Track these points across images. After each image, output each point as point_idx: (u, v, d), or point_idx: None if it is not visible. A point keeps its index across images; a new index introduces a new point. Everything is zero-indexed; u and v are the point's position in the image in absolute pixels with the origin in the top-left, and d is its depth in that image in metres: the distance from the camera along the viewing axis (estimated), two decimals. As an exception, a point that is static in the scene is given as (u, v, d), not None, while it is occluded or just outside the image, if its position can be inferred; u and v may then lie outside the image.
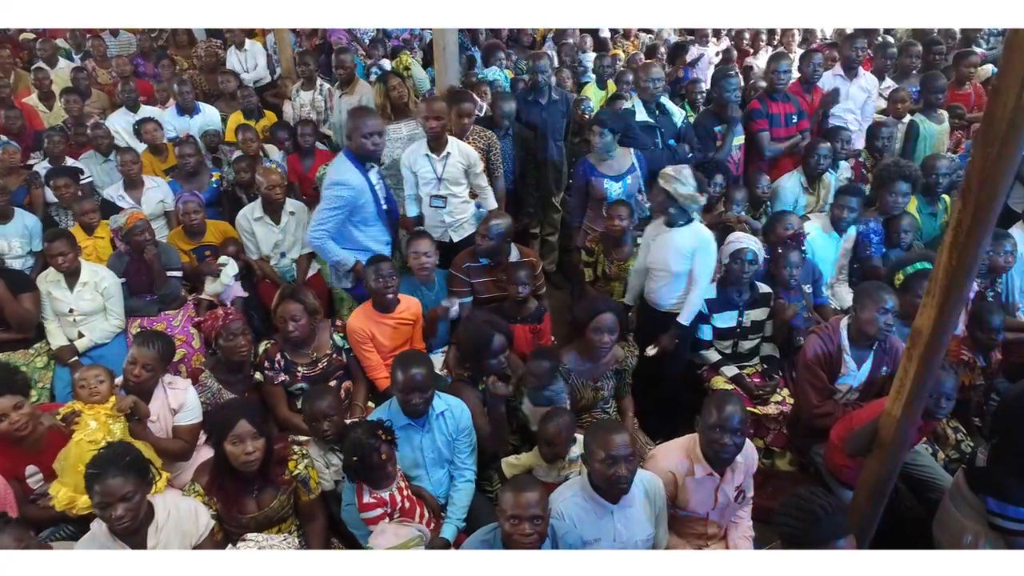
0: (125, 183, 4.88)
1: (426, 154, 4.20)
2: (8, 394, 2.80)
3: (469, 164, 4.24)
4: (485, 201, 4.40)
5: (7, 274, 3.89)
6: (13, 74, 6.69)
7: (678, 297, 3.65)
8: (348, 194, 3.67)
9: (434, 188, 4.25)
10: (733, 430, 2.61)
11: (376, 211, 3.85)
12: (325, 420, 2.99)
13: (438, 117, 4.09)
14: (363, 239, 3.87)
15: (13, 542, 2.23)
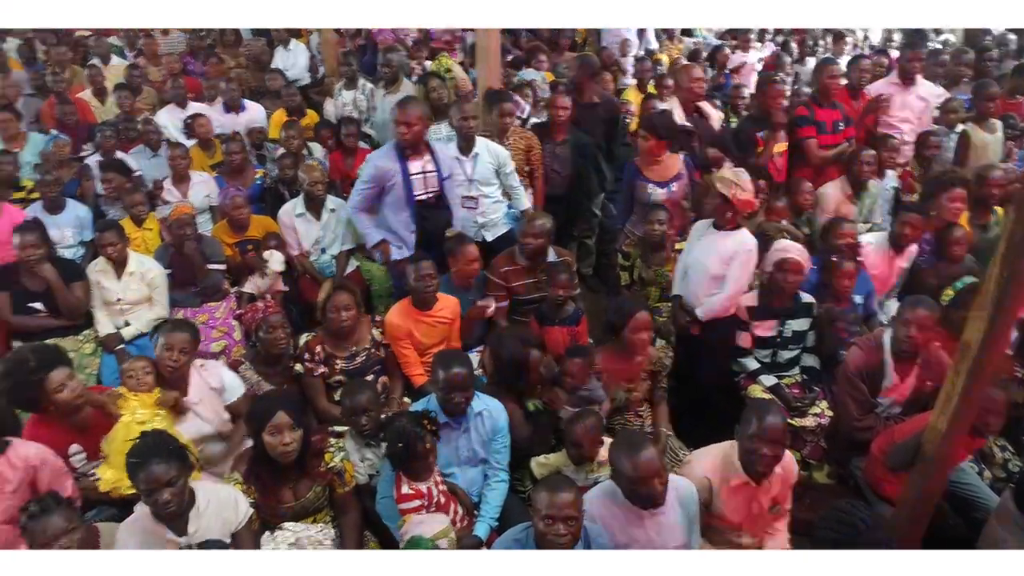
0: (173, 177, 5.00)
1: (455, 156, 4.22)
2: (60, 367, 2.89)
3: (499, 164, 4.26)
4: (517, 201, 4.40)
5: (59, 263, 3.99)
6: (68, 70, 6.89)
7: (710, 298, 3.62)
8: (374, 172, 3.96)
9: (465, 189, 4.26)
10: (773, 441, 2.57)
11: (407, 199, 3.91)
12: (363, 414, 3.03)
13: (473, 117, 4.12)
14: (393, 222, 4.05)
15: (63, 523, 2.30)
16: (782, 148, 4.92)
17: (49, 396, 2.86)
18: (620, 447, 2.52)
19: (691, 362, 3.77)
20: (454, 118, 4.20)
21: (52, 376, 2.85)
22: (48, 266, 3.82)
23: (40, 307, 3.90)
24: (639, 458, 2.42)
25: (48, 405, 2.89)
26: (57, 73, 6.38)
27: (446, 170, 4.07)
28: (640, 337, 3.27)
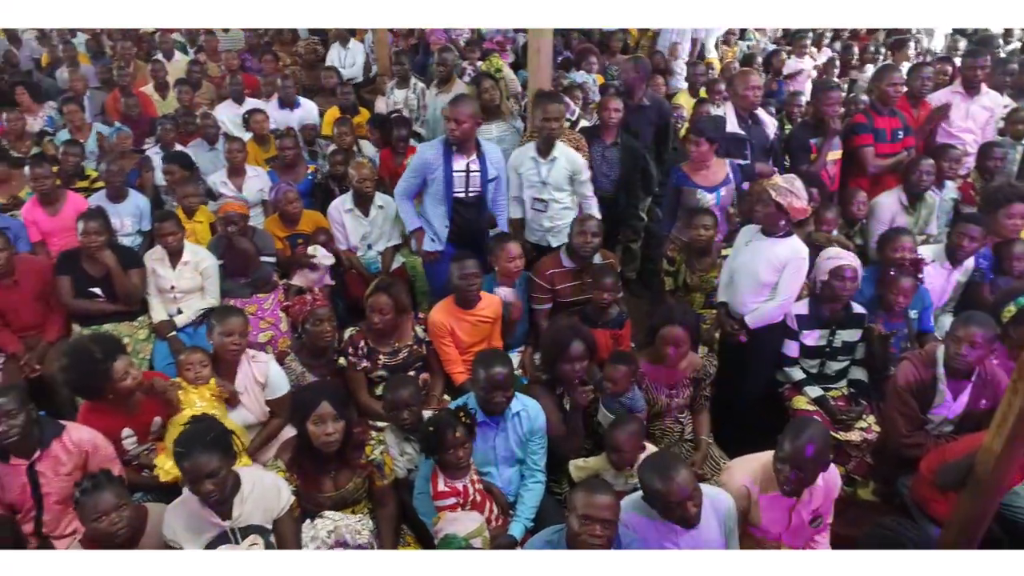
0: (228, 170, 5.13)
1: (532, 156, 4.22)
2: (121, 355, 3.00)
3: (574, 171, 4.23)
4: (588, 208, 4.35)
5: (119, 250, 4.11)
6: (133, 65, 7.14)
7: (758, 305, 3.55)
8: (419, 162, 4.06)
9: (537, 191, 4.27)
10: (802, 465, 2.51)
11: (444, 194, 3.96)
12: (405, 409, 3.06)
13: (556, 119, 4.13)
14: (430, 214, 4.11)
15: (114, 499, 2.38)
16: (836, 156, 4.81)
17: (114, 384, 2.97)
18: (653, 469, 2.48)
19: (735, 370, 3.71)
20: (536, 119, 4.19)
21: (116, 365, 2.95)
22: (108, 252, 3.94)
23: (99, 292, 4.03)
24: (672, 483, 2.39)
25: (108, 392, 3.00)
26: (122, 68, 6.62)
27: (492, 171, 4.08)
28: (667, 351, 3.23)
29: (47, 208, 4.57)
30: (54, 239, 4.54)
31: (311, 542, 2.26)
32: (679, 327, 3.21)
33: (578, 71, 6.56)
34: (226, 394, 3.23)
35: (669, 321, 3.24)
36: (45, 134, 5.94)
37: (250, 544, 2.58)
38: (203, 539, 2.52)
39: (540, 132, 4.21)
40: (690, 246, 4.09)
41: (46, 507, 2.79)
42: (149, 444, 3.17)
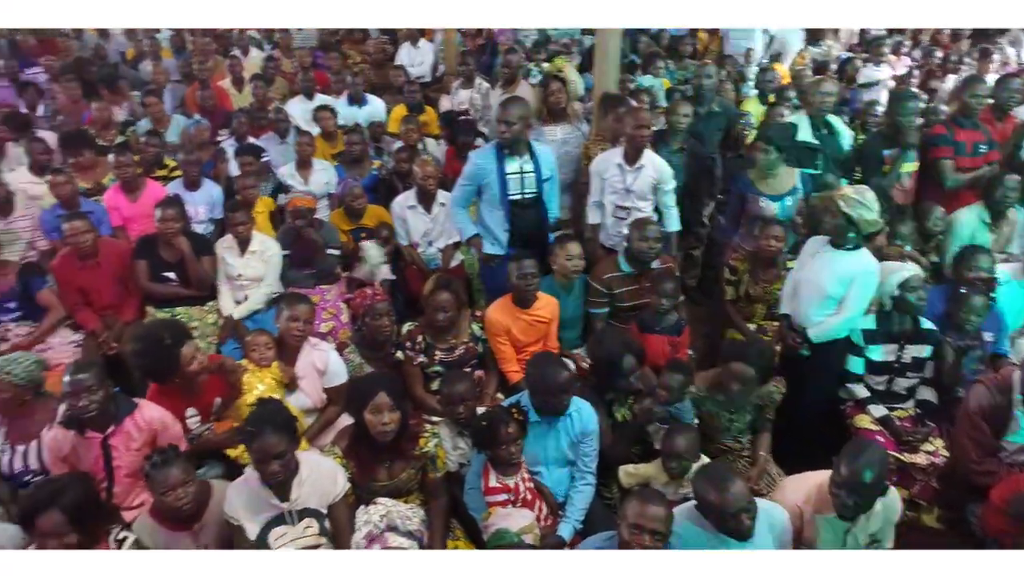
0: (297, 163, 5.28)
1: (619, 163, 4.20)
2: (188, 340, 3.13)
3: (660, 180, 4.20)
4: (668, 222, 4.31)
5: (192, 237, 4.28)
6: (212, 59, 7.42)
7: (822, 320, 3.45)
8: (472, 169, 4.02)
9: (620, 198, 4.24)
10: (859, 490, 2.43)
11: (501, 197, 3.95)
12: (461, 404, 3.09)
13: (648, 126, 4.11)
14: (488, 220, 4.08)
15: (181, 474, 2.49)
16: (912, 168, 4.64)
17: (181, 368, 3.09)
18: (708, 479, 2.45)
19: (795, 385, 3.61)
20: (628, 126, 4.17)
21: (183, 351, 3.08)
22: (183, 239, 4.11)
23: (172, 277, 4.20)
24: (727, 494, 2.35)
25: (175, 376, 3.13)
26: (202, 62, 6.88)
27: (547, 172, 4.06)
28: (731, 387, 3.15)
29: (128, 195, 4.79)
30: (134, 224, 4.76)
31: (364, 526, 2.32)
32: (749, 367, 3.11)
33: (645, 75, 6.50)
34: (286, 378, 3.32)
35: (741, 358, 3.13)
36: (129, 124, 6.22)
37: (305, 527, 2.65)
38: (261, 519, 2.60)
39: (631, 140, 4.16)
40: (755, 256, 4.01)
41: (116, 479, 2.93)
42: (211, 423, 3.29)
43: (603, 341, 3.34)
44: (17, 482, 3.09)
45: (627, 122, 4.21)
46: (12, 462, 3.08)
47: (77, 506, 2.33)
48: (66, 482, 2.41)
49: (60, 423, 2.92)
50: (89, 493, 2.40)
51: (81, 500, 2.35)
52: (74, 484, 2.39)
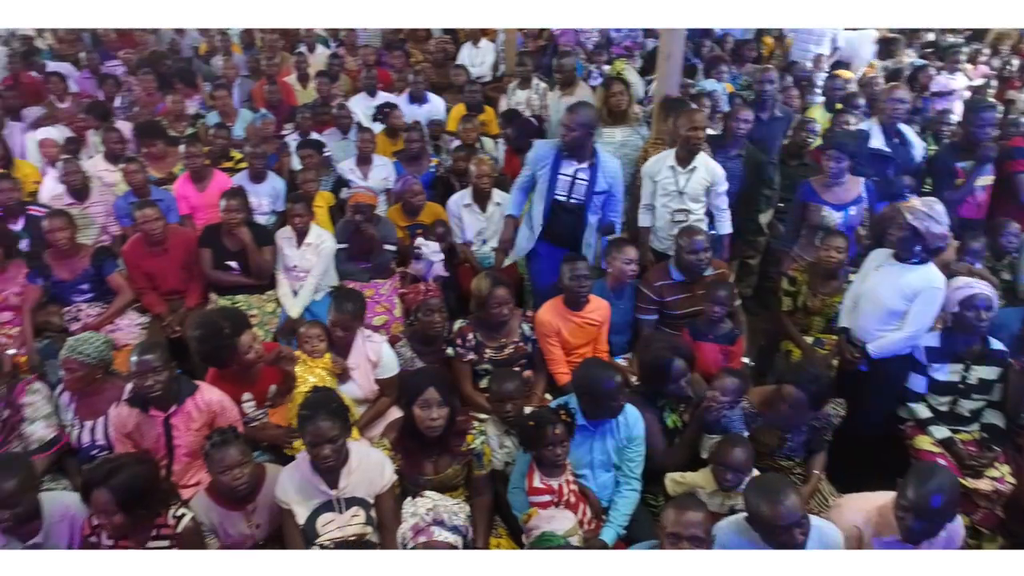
0: (357, 159, 5.38)
1: (671, 165, 4.17)
2: (246, 330, 3.24)
3: (713, 182, 4.15)
4: (720, 224, 4.25)
5: (254, 227, 4.41)
6: (279, 55, 7.63)
7: (883, 335, 3.35)
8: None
9: (673, 201, 4.21)
10: (927, 515, 2.34)
11: (545, 192, 3.94)
12: (509, 402, 3.12)
13: (702, 128, 4.08)
14: (533, 210, 4.08)
15: (238, 455, 2.57)
16: (987, 182, 4.45)
17: (239, 356, 3.20)
18: (760, 491, 2.39)
19: (852, 401, 3.51)
20: (682, 128, 4.14)
21: (242, 340, 3.19)
22: (245, 229, 4.24)
23: (234, 265, 4.35)
24: (779, 506, 2.29)
25: (233, 363, 3.24)
26: (270, 58, 7.08)
27: (603, 184, 4.00)
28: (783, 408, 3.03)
29: (196, 184, 4.97)
30: (200, 213, 4.93)
31: (410, 518, 2.34)
32: (802, 393, 2.95)
33: (707, 79, 6.40)
34: (339, 369, 3.39)
35: (794, 382, 2.98)
36: (199, 116, 6.44)
37: (352, 516, 2.71)
38: (310, 504, 2.67)
39: (684, 142, 4.13)
40: (815, 267, 3.91)
41: (176, 458, 3.05)
42: (265, 409, 3.39)
43: (651, 345, 3.31)
44: (84, 455, 3.24)
45: (680, 123, 4.17)
46: (80, 436, 3.24)
47: (127, 488, 2.40)
48: (123, 463, 2.48)
49: (126, 401, 3.06)
50: (143, 477, 2.46)
51: (133, 483, 2.42)
52: (130, 466, 2.46)
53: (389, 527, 2.70)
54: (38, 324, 4.03)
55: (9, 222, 4.41)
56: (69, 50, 8.06)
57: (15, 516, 2.47)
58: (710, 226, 4.28)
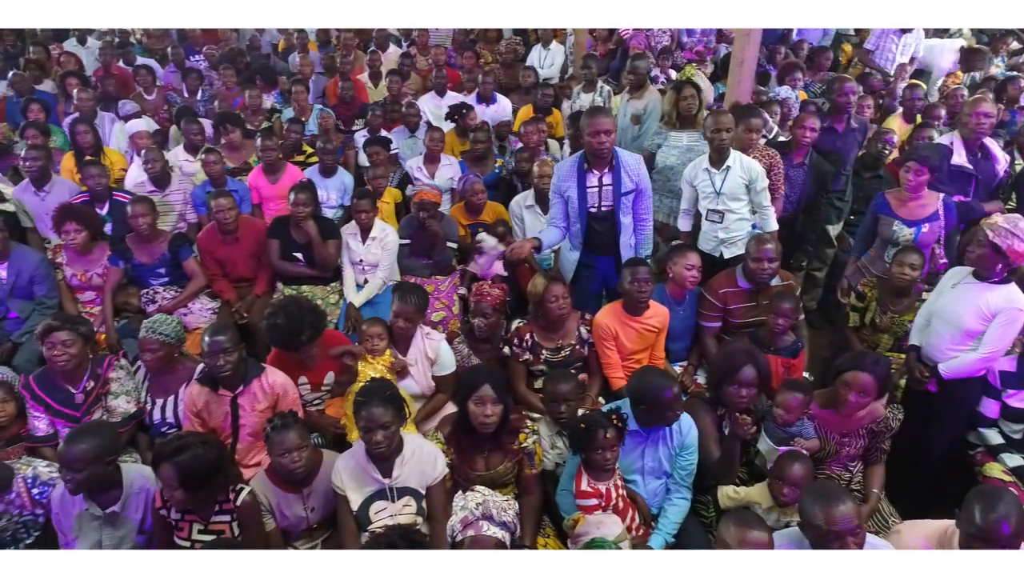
0: (425, 157, 5.47)
1: (706, 168, 4.14)
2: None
3: (751, 179, 4.08)
4: (765, 222, 4.17)
5: (321, 221, 4.53)
6: (353, 54, 7.82)
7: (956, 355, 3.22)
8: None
9: (712, 202, 4.17)
10: (996, 542, 2.23)
11: (579, 210, 3.90)
12: (564, 403, 3.12)
13: (727, 129, 4.03)
14: (572, 228, 4.01)
15: (297, 439, 2.66)
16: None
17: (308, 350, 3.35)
18: (814, 496, 2.34)
19: (919, 422, 3.38)
20: (708, 129, 4.12)
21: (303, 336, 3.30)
22: (311, 222, 4.37)
23: (300, 257, 4.48)
24: (833, 511, 2.24)
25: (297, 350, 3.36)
26: (345, 56, 7.26)
27: (629, 184, 3.91)
28: (848, 398, 2.95)
29: (269, 177, 5.15)
30: (271, 204, 5.11)
31: (460, 511, 2.38)
32: (868, 375, 2.91)
33: (781, 86, 6.25)
34: (399, 367, 3.46)
35: (858, 367, 2.94)
36: (275, 111, 6.66)
37: (404, 505, 2.77)
38: (364, 492, 2.74)
39: (710, 142, 4.11)
40: (886, 283, 3.78)
41: (240, 437, 3.18)
42: (321, 394, 3.51)
43: (726, 350, 3.25)
44: (156, 432, 3.41)
45: (707, 124, 4.12)
46: (152, 414, 3.41)
47: (190, 466, 2.51)
48: (190, 442, 2.58)
49: (197, 380, 3.21)
50: (207, 459, 2.56)
51: (196, 463, 2.52)
52: (195, 447, 2.56)
53: (439, 519, 2.74)
54: (117, 304, 4.25)
55: (96, 206, 4.66)
56: (157, 45, 8.46)
57: (95, 477, 2.60)
58: (754, 225, 4.20)
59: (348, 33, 8.35)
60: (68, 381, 3.28)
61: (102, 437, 2.63)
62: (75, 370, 3.27)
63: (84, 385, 3.29)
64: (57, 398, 3.26)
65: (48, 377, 3.28)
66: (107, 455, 2.62)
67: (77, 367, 3.27)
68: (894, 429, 3.14)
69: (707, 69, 7.17)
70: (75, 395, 3.27)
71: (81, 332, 3.27)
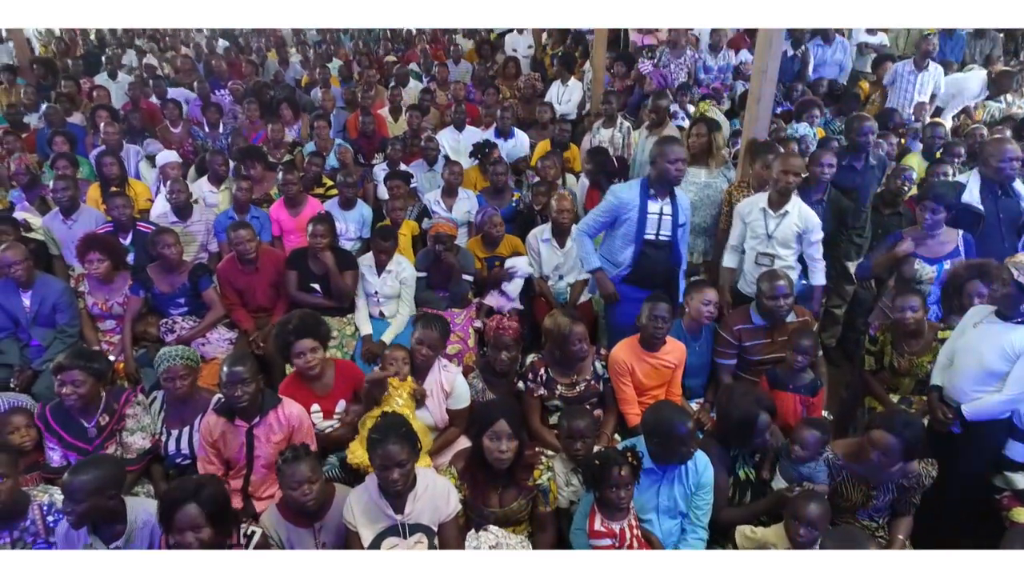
0: (443, 191, 5.53)
1: (763, 208, 4.13)
2: (309, 338, 3.36)
3: (806, 229, 4.06)
4: (813, 275, 4.12)
5: (338, 252, 4.57)
6: (375, 89, 7.96)
7: (979, 396, 3.15)
8: (613, 202, 4.02)
9: (762, 244, 4.16)
10: None
11: (635, 235, 3.93)
12: (580, 440, 3.09)
13: (796, 173, 4.03)
14: (616, 253, 4.08)
15: (309, 472, 2.65)
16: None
17: (291, 357, 3.37)
18: (836, 539, 2.33)
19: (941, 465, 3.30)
20: (774, 171, 4.10)
21: (300, 343, 3.35)
22: (329, 254, 4.41)
23: (317, 288, 4.51)
24: None
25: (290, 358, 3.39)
26: (366, 91, 7.40)
27: (683, 217, 4.01)
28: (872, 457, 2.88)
29: (290, 210, 5.22)
30: (291, 236, 5.18)
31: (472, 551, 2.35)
32: (895, 438, 2.82)
33: (799, 123, 6.27)
34: (420, 393, 3.46)
35: (887, 427, 2.86)
36: (297, 145, 6.78)
37: (415, 542, 2.73)
38: (376, 528, 2.71)
39: (775, 184, 4.08)
40: (897, 326, 3.70)
41: (255, 468, 3.17)
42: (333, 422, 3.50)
43: (734, 397, 3.18)
44: (171, 463, 3.41)
45: (775, 166, 4.09)
46: (167, 445, 3.41)
47: (214, 502, 2.49)
48: (204, 480, 2.60)
49: (214, 410, 3.22)
50: (222, 494, 2.58)
51: (217, 497, 2.52)
52: (211, 483, 2.57)
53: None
54: (136, 333, 4.30)
55: (120, 235, 4.75)
56: (185, 79, 8.67)
57: (96, 510, 2.57)
58: (802, 275, 4.15)
59: (370, 70, 8.53)
60: (81, 415, 3.29)
61: (105, 470, 2.62)
62: (88, 405, 3.29)
63: (97, 419, 3.30)
64: (70, 431, 3.28)
65: (63, 409, 3.30)
66: (109, 488, 2.59)
67: (90, 403, 3.29)
68: (926, 487, 3.04)
69: (724, 105, 7.22)
70: (88, 429, 3.29)
71: (93, 369, 3.27)
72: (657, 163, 3.86)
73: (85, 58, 10.37)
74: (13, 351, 4.09)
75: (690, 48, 7.83)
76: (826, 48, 8.03)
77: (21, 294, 4.11)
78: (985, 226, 4.14)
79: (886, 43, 8.64)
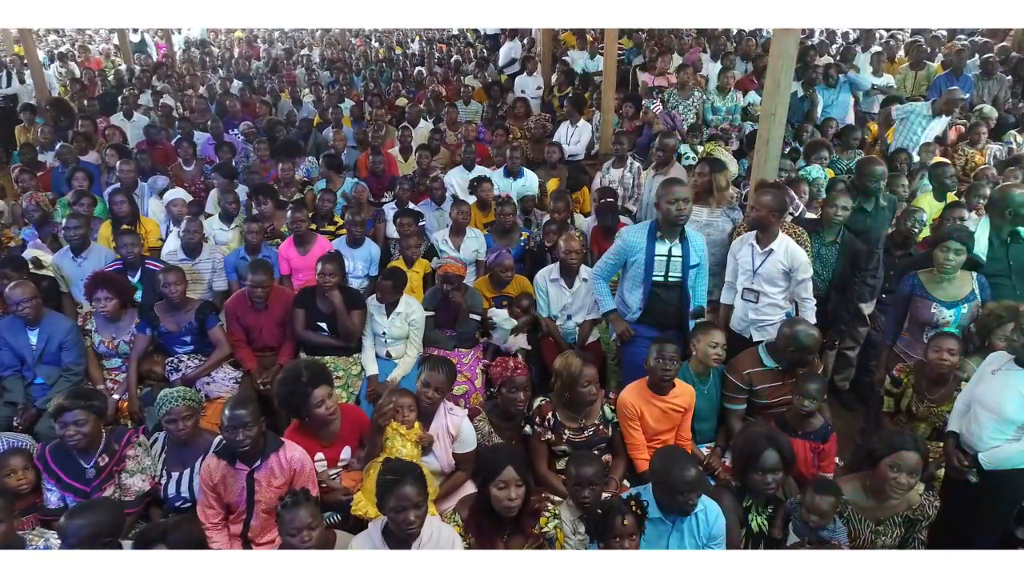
0: (451, 230, 5.53)
1: (751, 244, 4.12)
2: (323, 385, 3.32)
3: (792, 267, 4.02)
4: (803, 313, 4.08)
5: (346, 291, 4.56)
6: (385, 128, 8.04)
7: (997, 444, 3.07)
8: (621, 245, 4.05)
9: (748, 280, 4.14)
10: None
11: (643, 276, 3.92)
12: (588, 487, 3.00)
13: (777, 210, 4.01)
14: (627, 296, 4.07)
15: (308, 518, 2.59)
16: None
17: (310, 408, 3.29)
18: None
19: (961, 516, 3.21)
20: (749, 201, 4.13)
21: (316, 392, 3.28)
22: (336, 293, 4.39)
23: (324, 327, 4.49)
24: None
25: (305, 413, 3.33)
26: (377, 131, 7.48)
27: (695, 258, 3.99)
28: (897, 478, 2.85)
29: (299, 248, 5.23)
30: (300, 275, 5.17)
31: (477, 605, 2.28)
32: (914, 453, 2.84)
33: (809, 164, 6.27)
34: (427, 440, 3.40)
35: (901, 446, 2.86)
36: (306, 184, 6.83)
37: (418, 591, 2.65)
38: (378, 576, 2.63)
39: (752, 221, 4.12)
40: (923, 368, 3.63)
41: (255, 513, 3.11)
42: (337, 470, 3.44)
43: (746, 434, 3.15)
44: (170, 506, 3.36)
45: (749, 197, 4.10)
46: (167, 487, 3.36)
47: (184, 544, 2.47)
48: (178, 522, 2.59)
49: (215, 452, 3.17)
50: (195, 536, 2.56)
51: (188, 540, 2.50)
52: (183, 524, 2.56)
53: (455, 608, 2.62)
54: (142, 372, 4.27)
55: (128, 273, 4.76)
56: (200, 119, 8.79)
57: None
58: (789, 315, 4.11)
59: (381, 110, 8.63)
60: (81, 455, 3.26)
61: (103, 515, 2.59)
62: (89, 445, 3.25)
63: (96, 460, 3.27)
64: (69, 472, 3.24)
65: (62, 449, 3.26)
66: (106, 534, 2.56)
67: (91, 442, 3.25)
68: (931, 517, 3.01)
69: (732, 146, 7.24)
70: (87, 469, 3.25)
71: (94, 407, 3.25)
72: (660, 204, 3.86)
73: (102, 98, 10.56)
74: (18, 389, 4.07)
75: (698, 90, 7.90)
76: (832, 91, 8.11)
77: (28, 332, 4.11)
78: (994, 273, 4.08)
79: (893, 84, 8.69)
